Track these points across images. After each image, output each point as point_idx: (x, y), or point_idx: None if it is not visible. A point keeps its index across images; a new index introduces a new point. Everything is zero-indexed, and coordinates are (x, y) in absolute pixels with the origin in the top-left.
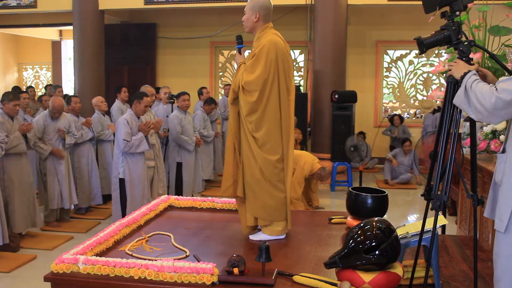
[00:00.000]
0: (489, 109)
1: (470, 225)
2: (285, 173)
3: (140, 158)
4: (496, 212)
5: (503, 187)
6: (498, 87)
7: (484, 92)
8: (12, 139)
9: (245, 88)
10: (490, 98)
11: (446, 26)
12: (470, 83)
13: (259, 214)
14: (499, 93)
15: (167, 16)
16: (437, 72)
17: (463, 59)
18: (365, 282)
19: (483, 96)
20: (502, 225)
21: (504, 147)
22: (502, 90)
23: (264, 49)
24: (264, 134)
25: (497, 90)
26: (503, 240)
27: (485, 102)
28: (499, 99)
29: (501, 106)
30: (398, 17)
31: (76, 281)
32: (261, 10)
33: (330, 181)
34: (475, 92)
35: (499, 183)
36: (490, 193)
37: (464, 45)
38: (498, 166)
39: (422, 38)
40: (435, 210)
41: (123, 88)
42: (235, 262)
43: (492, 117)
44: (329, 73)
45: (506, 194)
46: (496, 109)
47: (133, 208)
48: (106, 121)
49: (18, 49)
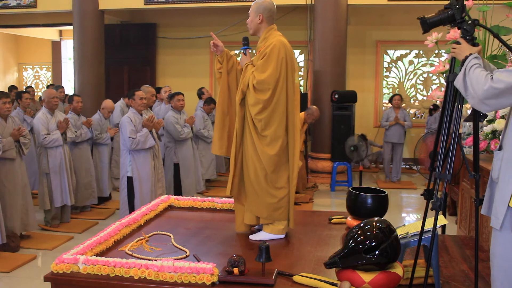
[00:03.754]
0: (481, 96)
1: (470, 225)
2: (290, 172)
3: (147, 155)
4: (492, 209)
5: (499, 185)
6: (494, 76)
7: (479, 78)
8: (4, 143)
9: (256, 87)
10: (484, 85)
11: (450, 5)
12: (469, 67)
13: (261, 213)
14: (493, 82)
15: (167, 16)
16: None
17: (466, 38)
18: (365, 282)
19: (477, 82)
20: (498, 223)
21: (501, 144)
22: (497, 79)
23: (274, 48)
24: (273, 132)
25: (492, 78)
26: (499, 240)
27: (478, 89)
28: (492, 87)
29: (492, 95)
30: (398, 17)
31: (76, 281)
32: (265, 12)
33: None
34: (471, 77)
35: (496, 181)
36: (487, 191)
37: (468, 24)
38: (495, 163)
39: (426, 17)
40: (435, 210)
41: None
42: (235, 262)
43: (482, 104)
44: (329, 73)
45: (501, 191)
46: (487, 97)
47: (143, 204)
48: (106, 125)
49: (18, 49)
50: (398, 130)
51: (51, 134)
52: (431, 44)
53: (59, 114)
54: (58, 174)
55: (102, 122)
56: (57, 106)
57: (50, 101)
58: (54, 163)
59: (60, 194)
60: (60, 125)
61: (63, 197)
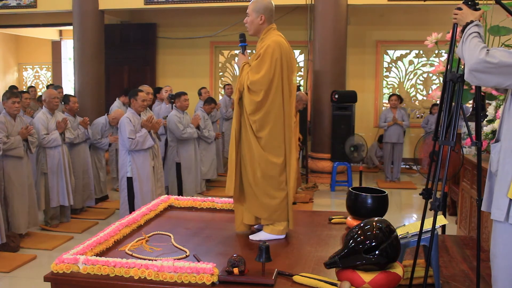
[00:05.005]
0: (471, 66)
1: (470, 225)
2: (287, 173)
3: (147, 156)
4: (493, 202)
5: (499, 176)
6: (490, 51)
7: (475, 48)
8: (12, 141)
9: (250, 88)
10: (478, 56)
11: None
12: (468, 34)
13: (260, 214)
14: (487, 56)
15: (167, 16)
16: (437, 72)
17: (468, 3)
18: (365, 282)
19: (471, 52)
20: (501, 214)
21: (498, 136)
22: (492, 55)
23: (269, 49)
24: (268, 134)
25: (488, 52)
26: (500, 238)
27: (470, 58)
28: (484, 60)
29: (483, 68)
30: (398, 17)
31: (76, 281)
32: (266, 12)
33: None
34: (468, 45)
35: (495, 174)
36: (486, 185)
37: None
38: (493, 156)
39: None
40: (434, 210)
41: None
42: (235, 262)
43: (470, 75)
44: (329, 73)
45: (502, 181)
46: (477, 70)
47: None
48: (108, 131)
49: (18, 49)
50: (397, 130)
51: (50, 134)
52: (431, 44)
53: (58, 114)
54: (56, 174)
55: (106, 127)
56: (57, 106)
57: (51, 101)
58: (52, 163)
59: (56, 195)
60: (59, 125)
61: (60, 197)
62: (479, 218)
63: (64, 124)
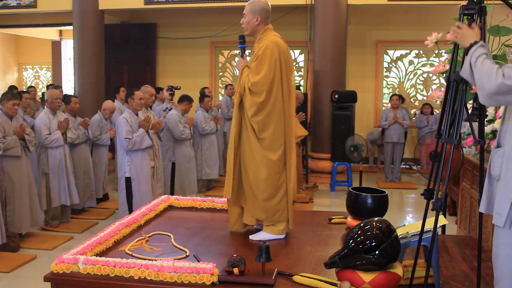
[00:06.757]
0: (489, 91)
1: (470, 225)
2: (288, 173)
3: (145, 156)
4: (495, 206)
5: (502, 181)
6: (504, 72)
7: (490, 72)
8: (9, 141)
9: (252, 90)
10: (495, 81)
11: None
12: (476, 57)
13: (260, 215)
14: (505, 79)
15: (167, 16)
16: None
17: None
18: (365, 282)
19: (488, 76)
20: (501, 220)
21: (499, 141)
22: (509, 76)
23: (267, 50)
24: (270, 134)
25: (503, 75)
26: (501, 241)
27: (488, 83)
28: (504, 84)
29: (503, 91)
30: (398, 17)
31: (76, 281)
32: (262, 12)
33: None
34: (481, 70)
35: (496, 178)
36: (485, 188)
37: None
38: (496, 160)
39: None
40: (435, 211)
41: (122, 88)
42: (235, 262)
43: (489, 99)
44: (329, 73)
45: (504, 187)
46: (498, 93)
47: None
48: (106, 126)
49: (18, 49)
50: (398, 129)
51: (52, 134)
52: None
53: (60, 114)
54: (57, 174)
55: (102, 123)
56: (59, 106)
57: (53, 101)
58: (54, 163)
59: (58, 195)
60: (61, 125)
61: (61, 197)
62: (480, 219)
63: (66, 124)
